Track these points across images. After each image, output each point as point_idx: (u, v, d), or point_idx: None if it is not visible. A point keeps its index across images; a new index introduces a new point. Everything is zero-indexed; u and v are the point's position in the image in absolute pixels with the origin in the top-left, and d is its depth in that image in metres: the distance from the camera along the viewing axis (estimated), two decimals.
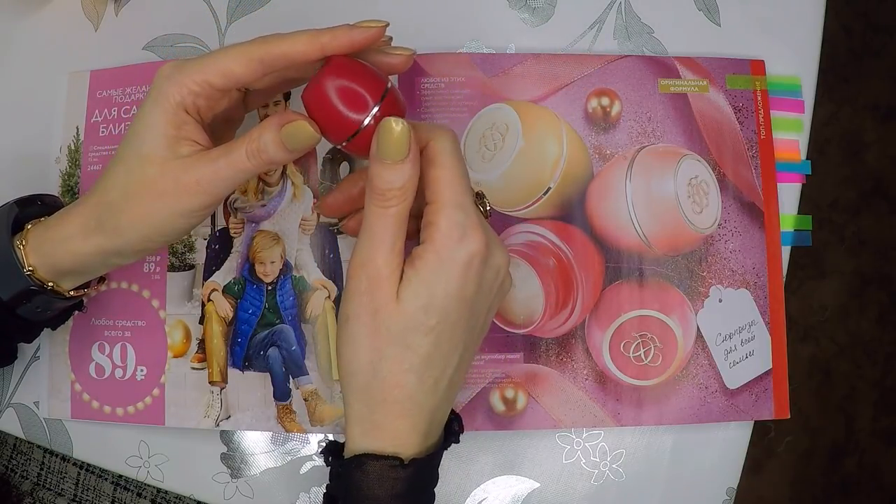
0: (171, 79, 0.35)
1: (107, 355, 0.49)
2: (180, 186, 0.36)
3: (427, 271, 0.34)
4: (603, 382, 0.48)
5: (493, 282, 0.36)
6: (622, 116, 0.49)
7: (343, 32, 0.34)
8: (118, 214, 0.37)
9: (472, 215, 0.35)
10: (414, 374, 0.34)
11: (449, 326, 0.35)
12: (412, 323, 0.34)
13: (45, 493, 0.57)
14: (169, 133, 0.36)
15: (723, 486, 0.49)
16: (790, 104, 0.51)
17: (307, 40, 0.34)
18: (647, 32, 0.51)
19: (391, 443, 0.35)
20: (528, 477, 0.49)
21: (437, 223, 0.34)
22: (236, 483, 0.50)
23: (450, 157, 0.35)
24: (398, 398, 0.35)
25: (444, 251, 0.34)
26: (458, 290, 0.34)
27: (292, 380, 0.47)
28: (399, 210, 0.34)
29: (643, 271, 0.49)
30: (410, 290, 0.34)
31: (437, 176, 0.35)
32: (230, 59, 0.35)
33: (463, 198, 0.35)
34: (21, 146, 0.52)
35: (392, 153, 0.33)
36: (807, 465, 1.26)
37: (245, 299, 0.48)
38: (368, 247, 0.34)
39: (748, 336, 0.49)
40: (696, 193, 0.49)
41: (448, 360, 0.35)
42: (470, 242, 0.34)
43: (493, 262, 0.36)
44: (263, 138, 0.35)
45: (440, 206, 0.34)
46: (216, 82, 0.35)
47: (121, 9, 0.53)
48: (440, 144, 0.35)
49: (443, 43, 0.50)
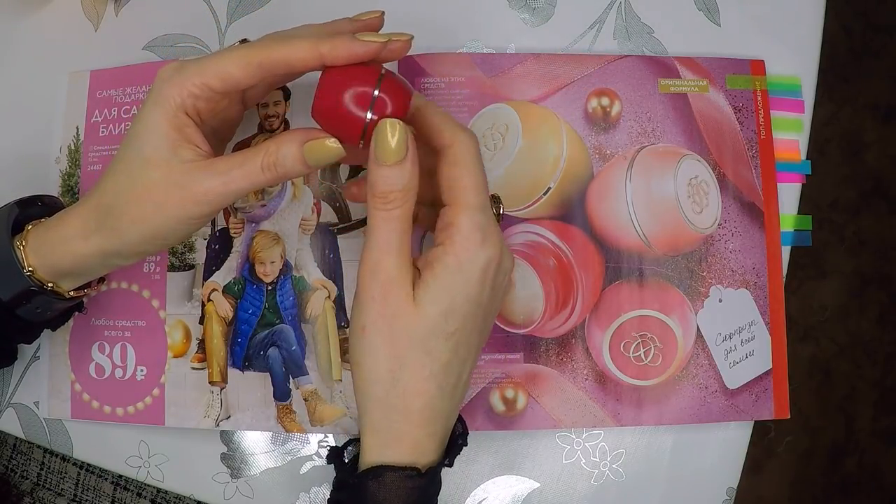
0: (170, 81, 0.35)
1: (107, 355, 0.49)
2: (186, 194, 0.35)
3: (447, 276, 0.34)
4: (603, 382, 0.48)
5: (500, 285, 0.36)
6: (622, 116, 0.49)
7: (343, 45, 0.34)
8: (118, 216, 0.37)
9: (491, 217, 0.35)
10: (434, 380, 0.34)
11: (466, 332, 0.35)
12: (433, 328, 0.34)
13: (44, 493, 0.57)
14: (171, 135, 0.35)
15: (723, 486, 0.49)
16: (790, 104, 0.51)
17: (307, 48, 0.34)
18: (647, 32, 0.51)
19: (409, 452, 0.35)
20: (528, 477, 0.49)
21: (459, 225, 0.34)
22: (236, 483, 0.50)
23: (473, 160, 0.35)
24: (418, 407, 0.34)
25: (464, 255, 0.34)
26: (477, 295, 0.34)
27: (292, 380, 0.47)
28: (403, 212, 0.34)
29: (643, 271, 0.49)
30: (430, 295, 0.34)
31: (459, 177, 0.35)
32: (230, 62, 0.35)
33: (484, 199, 0.35)
34: (21, 146, 0.52)
35: (390, 155, 0.33)
36: (807, 465, 1.26)
37: (245, 299, 0.48)
38: (377, 252, 0.34)
39: (748, 336, 0.49)
40: (696, 193, 0.49)
41: (464, 366, 0.36)
42: (489, 247, 0.34)
43: (504, 265, 0.36)
44: (282, 152, 0.35)
45: (462, 208, 0.34)
46: (215, 85, 0.35)
47: (121, 9, 0.53)
48: (465, 147, 0.35)
49: (443, 43, 0.50)
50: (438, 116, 0.36)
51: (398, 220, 0.34)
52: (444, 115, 0.36)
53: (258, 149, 0.35)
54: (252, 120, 0.49)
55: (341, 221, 0.48)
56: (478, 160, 0.35)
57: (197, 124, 0.36)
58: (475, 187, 0.35)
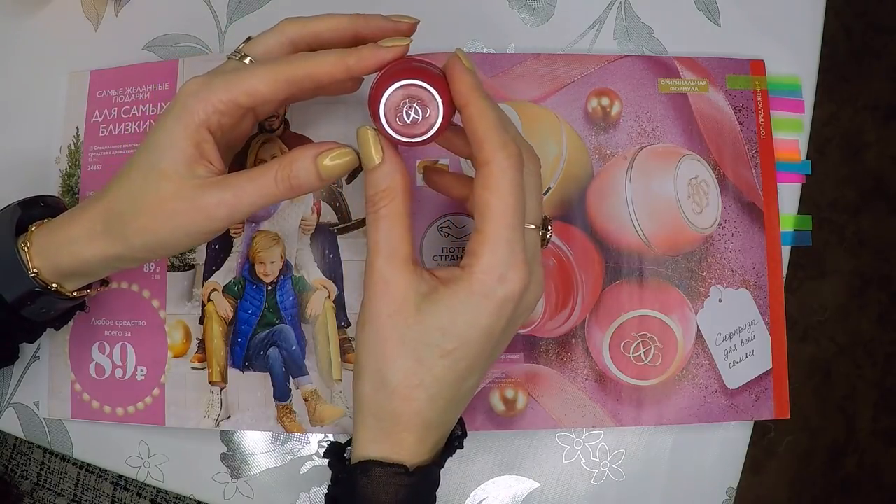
0: (197, 96, 0.35)
1: (107, 355, 0.49)
2: (197, 208, 0.35)
3: (456, 301, 0.33)
4: (603, 382, 0.48)
5: (522, 314, 0.35)
6: (622, 116, 0.49)
7: (369, 55, 0.34)
8: (126, 223, 0.37)
9: (518, 253, 0.33)
10: (424, 391, 0.34)
11: (469, 354, 0.34)
12: (426, 339, 0.33)
13: (44, 493, 0.57)
14: (189, 151, 0.36)
15: (723, 486, 0.49)
16: (790, 104, 0.51)
17: (334, 62, 0.34)
18: (647, 32, 0.51)
19: (397, 451, 0.35)
20: (528, 477, 0.49)
21: (480, 256, 0.33)
22: (236, 483, 0.50)
23: (507, 182, 0.32)
24: (406, 412, 0.34)
25: (479, 288, 0.33)
26: (488, 326, 0.33)
27: (292, 380, 0.47)
28: (388, 210, 0.34)
29: (643, 271, 0.49)
30: (433, 307, 0.33)
31: (487, 202, 0.33)
32: (257, 79, 0.35)
33: (512, 232, 0.32)
34: (21, 146, 0.52)
35: (365, 161, 0.34)
36: (807, 465, 1.26)
37: (245, 299, 0.48)
38: (371, 253, 0.34)
39: (748, 336, 0.49)
40: (696, 193, 0.49)
41: (463, 384, 0.35)
42: (508, 284, 0.33)
43: (528, 298, 0.34)
44: (296, 166, 0.35)
45: (485, 239, 0.33)
46: (242, 101, 0.35)
47: (121, 9, 0.53)
48: (498, 166, 0.32)
49: (443, 43, 0.50)
50: (483, 126, 0.33)
51: (385, 220, 0.34)
52: (492, 128, 0.33)
53: (270, 164, 0.36)
54: None
55: (341, 221, 0.48)
56: (514, 182, 0.32)
57: (216, 140, 0.37)
58: (504, 216, 0.32)
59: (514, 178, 0.32)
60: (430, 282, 0.34)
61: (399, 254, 0.34)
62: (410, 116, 0.33)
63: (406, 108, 0.33)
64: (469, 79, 0.33)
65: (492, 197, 0.32)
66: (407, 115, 0.33)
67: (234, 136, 0.40)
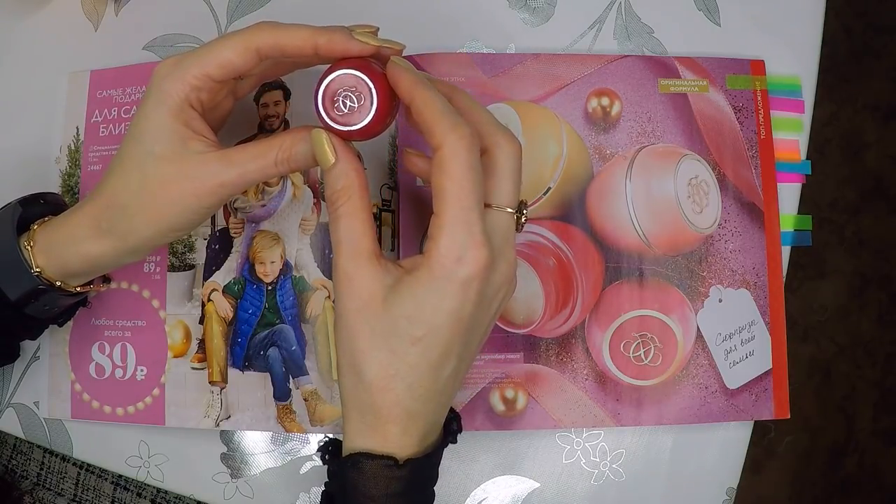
0: (171, 76, 0.36)
1: (107, 355, 0.49)
2: (201, 185, 0.36)
3: (418, 286, 0.33)
4: (603, 382, 0.48)
5: (493, 296, 0.35)
6: (622, 116, 0.49)
7: (340, 39, 0.35)
8: (132, 215, 0.37)
9: (477, 234, 0.33)
10: (401, 381, 0.34)
11: (440, 340, 0.34)
12: (394, 329, 0.33)
13: (44, 493, 0.56)
14: (179, 131, 0.36)
15: (723, 486, 0.49)
16: (790, 104, 0.51)
17: (304, 36, 0.35)
18: (647, 32, 0.51)
19: (384, 444, 0.35)
20: (528, 477, 0.49)
21: (437, 240, 0.33)
22: (236, 483, 0.50)
23: (458, 164, 0.32)
24: (385, 403, 0.34)
25: (438, 270, 0.33)
26: (454, 309, 0.33)
27: (292, 380, 0.47)
28: (346, 208, 0.34)
29: (643, 271, 0.49)
30: (398, 297, 0.33)
31: (442, 185, 0.33)
32: (227, 49, 0.35)
33: (467, 213, 0.32)
34: (21, 146, 0.52)
35: (321, 162, 0.35)
36: (807, 465, 1.26)
37: (245, 299, 0.48)
38: (335, 252, 0.35)
39: (748, 336, 0.49)
40: (696, 193, 0.49)
41: (440, 371, 0.35)
42: (468, 263, 0.33)
43: (494, 278, 0.34)
44: (296, 148, 0.36)
45: (442, 222, 0.33)
46: (216, 74, 0.36)
47: (121, 9, 0.53)
48: (449, 149, 0.33)
49: (443, 43, 0.50)
50: (430, 113, 0.33)
51: (344, 218, 0.34)
52: (438, 113, 0.33)
53: (271, 144, 0.36)
54: (252, 120, 0.49)
55: None
56: (466, 165, 0.32)
57: (201, 116, 0.37)
58: (458, 198, 0.32)
59: (467, 159, 0.33)
60: (395, 272, 0.35)
61: (361, 249, 0.34)
62: (347, 105, 0.34)
63: (343, 98, 0.34)
64: (410, 75, 0.34)
65: (446, 180, 0.33)
66: (344, 104, 0.34)
67: (214, 116, 0.40)
